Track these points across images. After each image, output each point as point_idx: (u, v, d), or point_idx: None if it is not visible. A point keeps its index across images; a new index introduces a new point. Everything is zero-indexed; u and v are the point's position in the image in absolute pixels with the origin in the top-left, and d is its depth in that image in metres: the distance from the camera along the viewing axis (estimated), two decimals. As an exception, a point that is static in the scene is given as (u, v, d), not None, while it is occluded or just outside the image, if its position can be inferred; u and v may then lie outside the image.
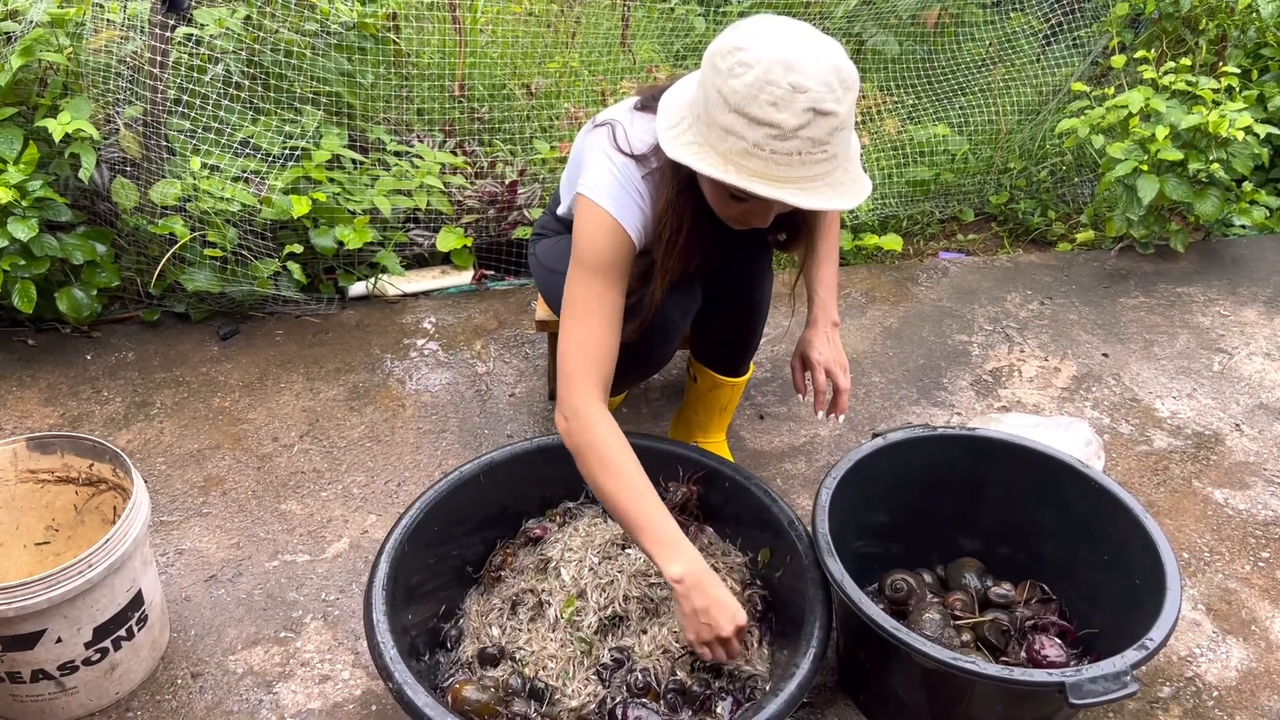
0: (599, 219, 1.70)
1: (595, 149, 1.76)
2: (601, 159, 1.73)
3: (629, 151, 1.72)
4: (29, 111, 2.61)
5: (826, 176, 1.48)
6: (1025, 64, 3.94)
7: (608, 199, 1.69)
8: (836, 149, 1.47)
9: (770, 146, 1.43)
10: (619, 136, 1.74)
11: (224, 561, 2.11)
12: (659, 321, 1.91)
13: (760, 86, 1.41)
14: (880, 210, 3.50)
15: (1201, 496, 2.37)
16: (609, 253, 1.70)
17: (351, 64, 3.03)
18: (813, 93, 1.41)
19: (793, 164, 1.45)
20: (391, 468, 2.37)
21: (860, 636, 1.76)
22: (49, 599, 1.59)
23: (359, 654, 1.91)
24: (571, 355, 1.68)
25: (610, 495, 1.63)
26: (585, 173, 1.74)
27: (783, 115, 1.41)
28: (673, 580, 1.57)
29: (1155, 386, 2.76)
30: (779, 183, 1.46)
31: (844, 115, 1.45)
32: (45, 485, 1.91)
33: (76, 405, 2.54)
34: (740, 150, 1.45)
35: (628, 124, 1.76)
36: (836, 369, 2.04)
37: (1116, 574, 1.81)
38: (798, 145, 1.43)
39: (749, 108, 1.42)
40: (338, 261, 2.98)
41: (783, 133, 1.42)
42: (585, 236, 1.71)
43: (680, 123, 1.56)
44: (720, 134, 1.47)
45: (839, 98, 1.43)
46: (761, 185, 1.45)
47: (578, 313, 1.69)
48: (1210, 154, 3.14)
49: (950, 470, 1.97)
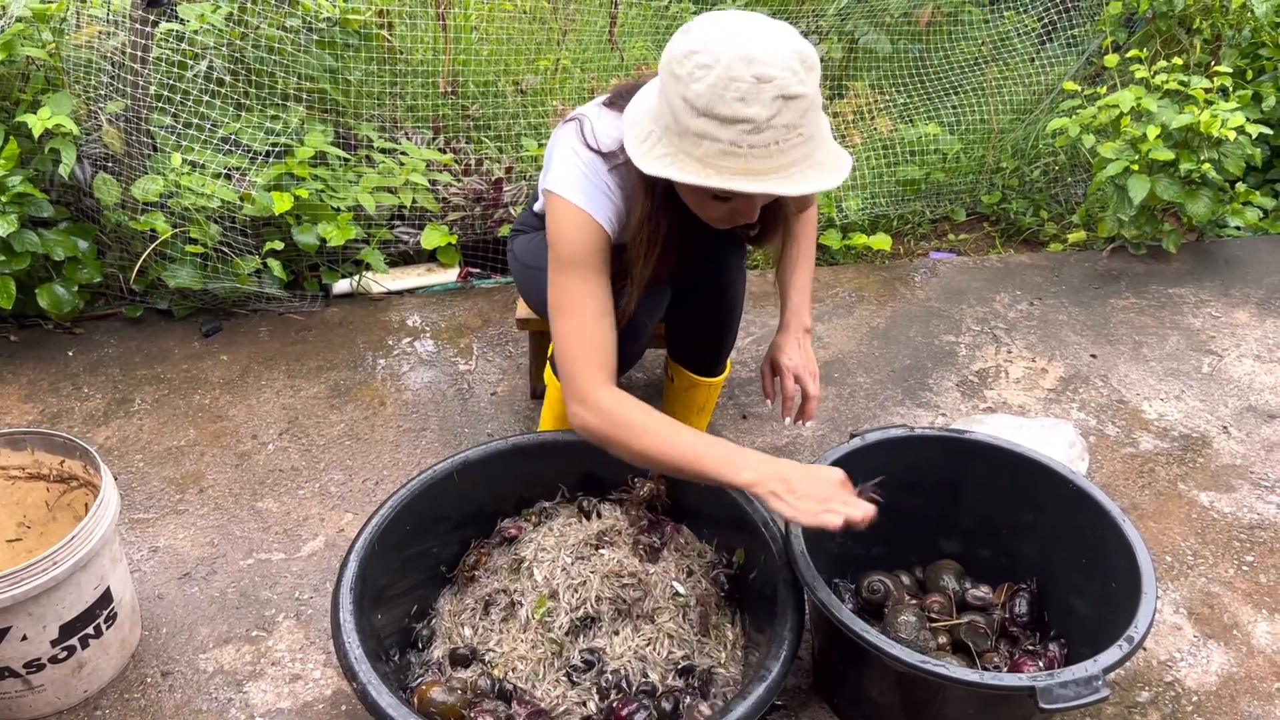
0: (570, 213, 1.68)
1: (563, 145, 1.74)
2: (569, 155, 1.72)
3: (596, 147, 1.71)
4: (10, 107, 2.60)
5: (806, 159, 1.47)
6: (1019, 63, 3.92)
7: (577, 193, 1.68)
8: (810, 130, 1.46)
9: (747, 142, 1.41)
10: (586, 132, 1.73)
11: (198, 559, 2.10)
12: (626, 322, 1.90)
13: (725, 85, 1.39)
14: (870, 210, 3.48)
15: (1187, 499, 2.35)
16: (584, 245, 1.68)
17: (337, 60, 3.01)
18: (778, 80, 1.39)
19: (771, 154, 1.43)
20: (370, 466, 2.36)
21: (833, 639, 1.74)
22: (12, 596, 1.57)
23: (330, 654, 1.90)
24: (570, 353, 1.66)
25: (655, 456, 1.60)
26: (553, 169, 1.73)
27: (753, 109, 1.39)
28: (747, 486, 1.54)
29: (1143, 388, 2.74)
30: (761, 175, 1.44)
31: (811, 95, 1.43)
32: (16, 482, 1.90)
33: (56, 402, 2.53)
34: (717, 152, 1.43)
35: (595, 119, 1.75)
36: (805, 375, 2.03)
37: (1094, 577, 1.79)
38: (773, 135, 1.41)
39: (717, 108, 1.40)
40: (322, 259, 2.96)
41: (756, 126, 1.40)
42: (559, 232, 1.69)
43: (649, 137, 1.54)
44: (693, 140, 1.45)
45: (803, 79, 1.41)
46: (744, 181, 1.44)
47: (566, 312, 1.67)
48: (1202, 154, 3.12)
49: (929, 471, 1.95)
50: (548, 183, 1.72)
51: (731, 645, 1.79)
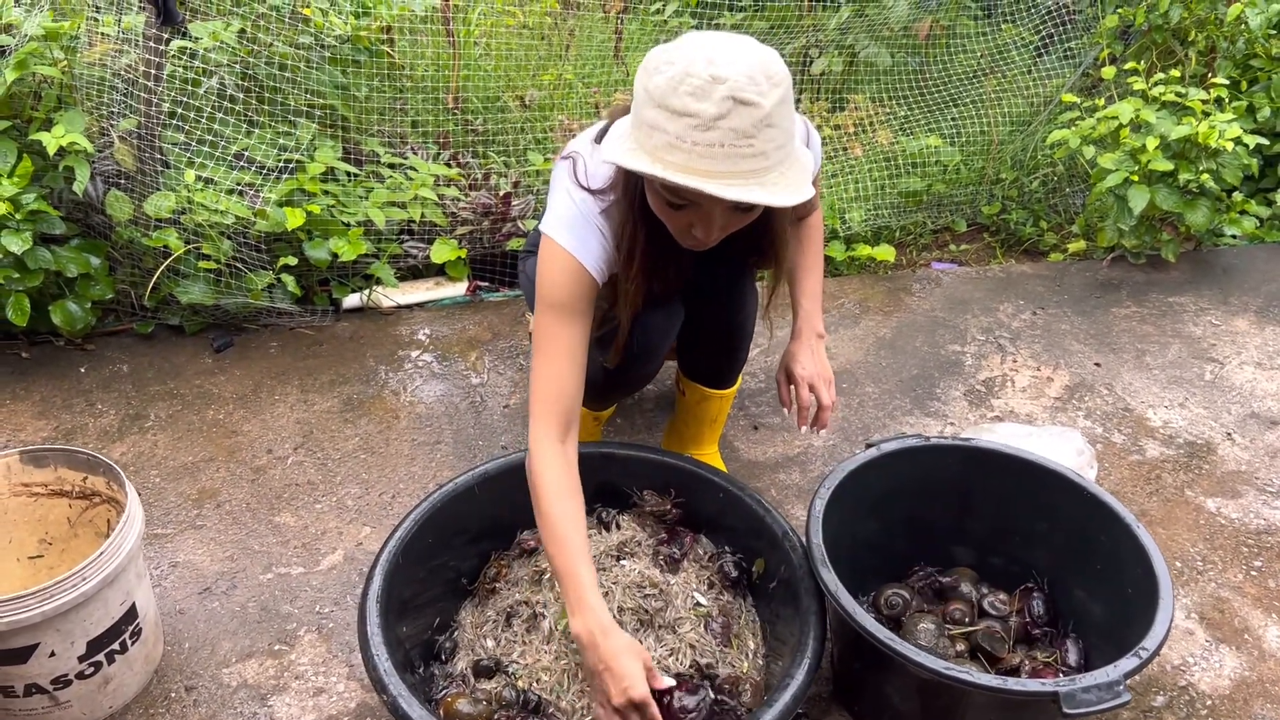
0: (558, 258, 1.70)
1: (559, 185, 1.77)
2: (563, 196, 1.74)
3: (587, 186, 1.73)
4: (23, 125, 2.61)
5: (756, 175, 1.45)
6: (1017, 75, 3.96)
7: (567, 236, 1.70)
8: (765, 147, 1.43)
9: (691, 138, 1.41)
10: (579, 171, 1.75)
11: (218, 574, 2.11)
12: (640, 342, 1.92)
13: (681, 79, 1.41)
14: (873, 221, 3.51)
15: (1194, 505, 2.38)
16: (567, 291, 1.70)
17: (346, 76, 3.04)
18: (732, 82, 1.39)
19: (715, 156, 1.42)
20: (386, 479, 2.37)
21: (855, 647, 1.76)
22: (42, 612, 1.58)
23: (353, 666, 1.91)
24: (535, 392, 1.69)
25: (543, 538, 1.64)
26: (548, 210, 1.76)
27: (701, 104, 1.40)
28: (574, 636, 1.55)
29: (1147, 396, 2.77)
30: (699, 175, 1.43)
31: (769, 109, 1.41)
32: (39, 498, 1.91)
33: (70, 418, 2.54)
34: (664, 144, 1.44)
35: (588, 156, 1.76)
36: (820, 384, 2.05)
37: (1109, 584, 1.81)
38: (719, 136, 1.41)
39: (669, 99, 1.42)
40: (332, 273, 2.98)
41: (702, 122, 1.40)
42: (545, 275, 1.72)
43: (624, 135, 1.57)
44: (647, 131, 1.46)
45: (762, 91, 1.41)
46: (681, 176, 1.43)
47: (541, 351, 1.70)
48: (1200, 164, 3.16)
49: (943, 480, 1.98)
50: (543, 224, 1.75)
51: (753, 655, 1.81)
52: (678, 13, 4.33)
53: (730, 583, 1.91)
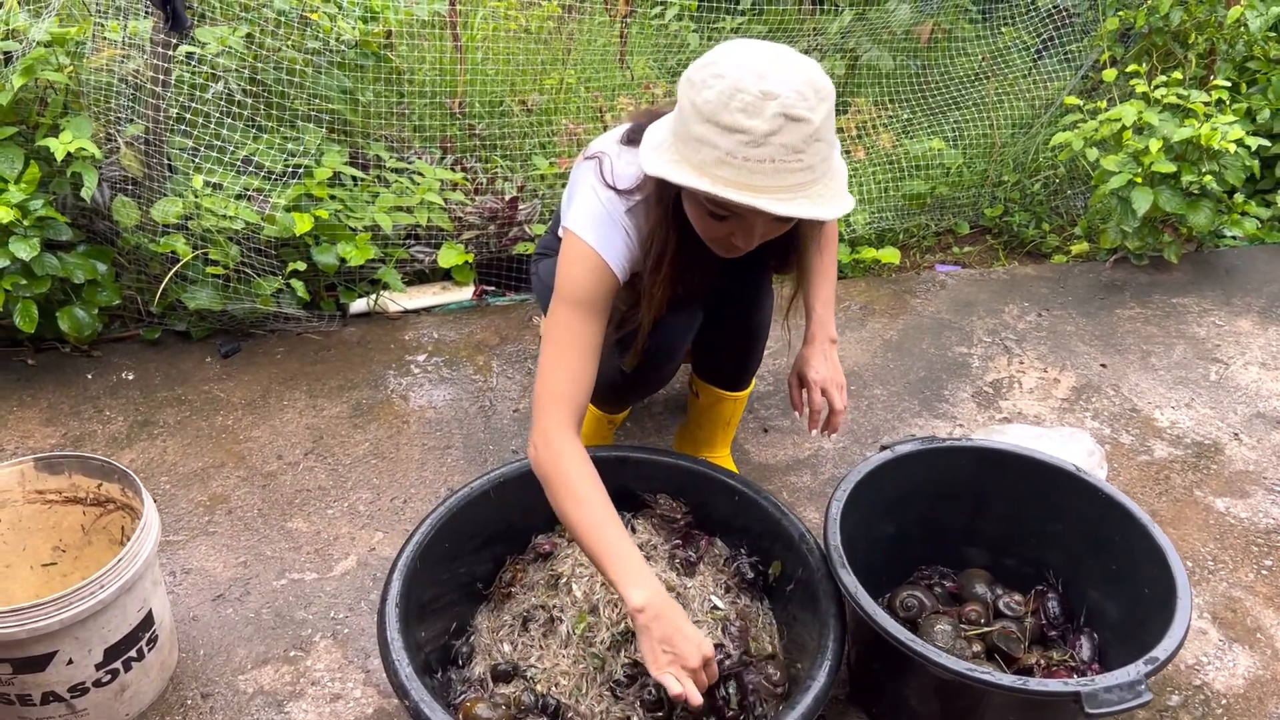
0: (582, 254, 1.71)
1: (584, 183, 1.78)
2: (589, 194, 1.75)
3: (613, 185, 1.74)
4: (29, 131, 2.60)
5: (804, 189, 1.47)
6: (1017, 78, 3.98)
7: (592, 234, 1.71)
8: (813, 160, 1.46)
9: (743, 154, 1.43)
10: (605, 171, 1.76)
11: (231, 580, 2.10)
12: (659, 343, 1.92)
13: (731, 94, 1.42)
14: (877, 224, 3.52)
15: (1203, 505, 2.39)
16: (590, 288, 1.71)
17: (351, 81, 3.04)
18: (784, 98, 1.41)
19: (766, 172, 1.44)
20: (397, 484, 2.37)
21: (874, 648, 1.76)
22: (61, 620, 1.58)
23: (370, 672, 1.91)
24: (545, 385, 1.69)
25: (575, 523, 1.62)
26: (573, 207, 1.77)
27: (753, 121, 1.41)
28: (634, 610, 1.53)
29: (1154, 396, 2.78)
30: (751, 190, 1.45)
31: (818, 125, 1.44)
32: (53, 505, 1.90)
33: (78, 425, 2.53)
34: (714, 160, 1.45)
35: (615, 157, 1.78)
36: (833, 388, 2.06)
37: (1125, 584, 1.82)
38: (770, 152, 1.43)
39: (720, 115, 1.43)
40: (339, 278, 2.98)
41: (754, 139, 1.42)
42: (567, 271, 1.72)
43: (661, 144, 1.58)
44: (694, 146, 1.47)
45: (812, 106, 1.43)
46: (733, 192, 1.45)
47: (555, 344, 1.70)
48: (1203, 166, 3.18)
49: (957, 482, 1.98)
50: (567, 220, 1.76)
51: (771, 657, 1.80)
52: (678, 16, 4.34)
53: (746, 584, 1.91)
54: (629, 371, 1.98)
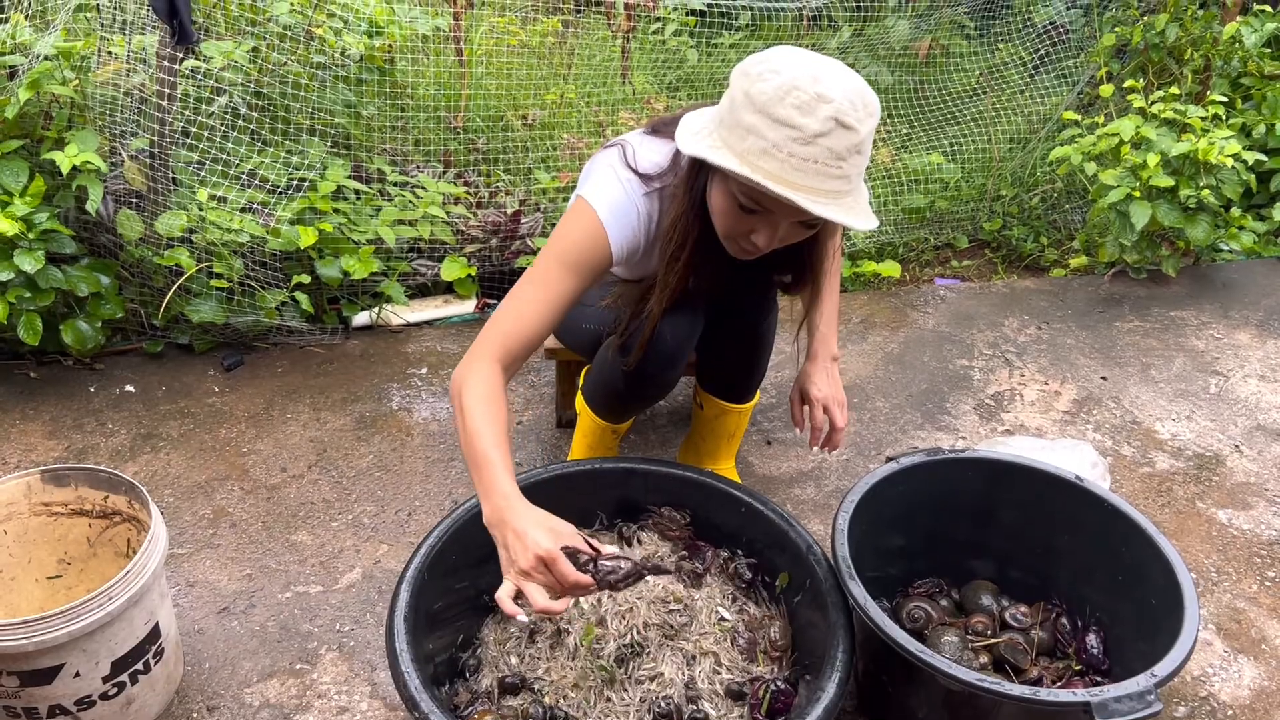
0: (587, 220, 1.73)
1: (603, 163, 1.81)
2: (608, 171, 1.78)
3: (635, 168, 1.76)
4: (34, 144, 2.60)
5: (838, 197, 1.49)
6: (1014, 94, 4.01)
7: (605, 208, 1.73)
8: (850, 171, 1.49)
9: (789, 149, 1.45)
10: (628, 154, 1.79)
11: (236, 593, 2.10)
12: (660, 347, 1.93)
13: (787, 90, 1.44)
14: (876, 238, 3.54)
15: (1205, 517, 2.40)
16: (583, 253, 1.73)
17: (355, 95, 3.05)
18: (838, 103, 1.43)
19: (807, 171, 1.46)
20: (401, 497, 2.37)
21: (882, 659, 1.76)
22: (69, 632, 1.57)
23: (376, 685, 1.90)
24: (496, 319, 1.70)
25: (461, 438, 1.61)
26: (590, 180, 1.79)
27: (806, 119, 1.43)
28: (486, 523, 1.55)
29: (1154, 409, 2.80)
30: (790, 186, 1.46)
31: (864, 137, 1.47)
32: (58, 518, 1.90)
33: (81, 438, 2.52)
34: (758, 150, 1.47)
35: (638, 145, 1.81)
36: (834, 405, 2.07)
37: (1131, 595, 1.82)
38: (816, 153, 1.45)
39: (773, 108, 1.45)
40: (342, 291, 2.98)
41: (804, 136, 1.44)
42: (566, 230, 1.74)
43: (701, 130, 1.59)
44: (741, 134, 1.48)
45: (861, 118, 1.46)
46: (773, 184, 1.46)
47: (524, 290, 1.71)
48: (1200, 180, 3.20)
49: (963, 493, 1.99)
50: (583, 191, 1.77)
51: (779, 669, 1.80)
52: (676, 33, 4.37)
53: (745, 585, 1.91)
54: (631, 371, 1.97)
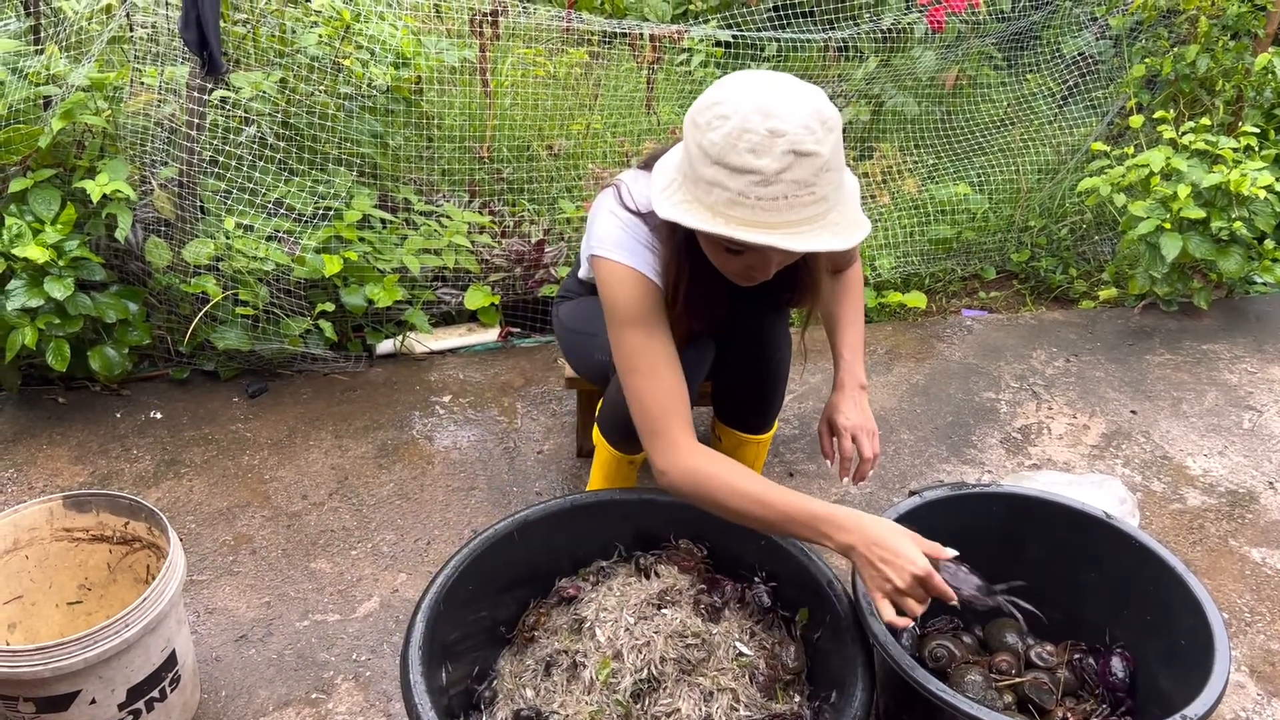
0: (620, 273, 1.72)
1: (603, 209, 1.79)
2: (609, 217, 1.76)
3: (634, 209, 1.75)
4: (66, 173, 2.65)
5: (819, 219, 1.47)
6: (1042, 124, 3.98)
7: (621, 252, 1.72)
8: (825, 191, 1.46)
9: (754, 193, 1.43)
10: (624, 194, 1.78)
11: (254, 621, 2.10)
12: None
13: (738, 135, 1.42)
14: (902, 268, 3.51)
15: (1239, 556, 2.34)
16: (640, 301, 1.71)
17: (381, 126, 3.08)
18: (791, 135, 1.41)
19: (779, 208, 1.44)
20: (421, 525, 2.36)
21: (903, 699, 1.73)
22: (85, 659, 1.57)
23: (392, 716, 1.89)
24: (644, 412, 1.68)
25: (751, 513, 1.61)
26: (595, 232, 1.78)
27: (762, 161, 1.41)
28: (845, 550, 1.55)
29: (1186, 444, 2.75)
30: (767, 229, 1.45)
31: (828, 156, 1.44)
32: (80, 543, 1.91)
33: (106, 463, 2.54)
34: (726, 200, 1.45)
35: (632, 182, 1.80)
36: (864, 435, 2.03)
37: (1160, 635, 1.78)
38: (782, 189, 1.43)
39: (728, 157, 1.43)
40: (366, 319, 3.00)
41: (764, 178, 1.42)
42: (613, 294, 1.72)
43: (670, 185, 1.58)
44: (705, 188, 1.47)
45: (819, 139, 1.43)
46: (748, 232, 1.45)
47: (637, 370, 1.70)
48: (1232, 212, 3.16)
49: (987, 529, 1.95)
50: (592, 246, 1.76)
51: (798, 707, 1.77)
52: (703, 63, 4.39)
53: (763, 612, 1.88)
54: None
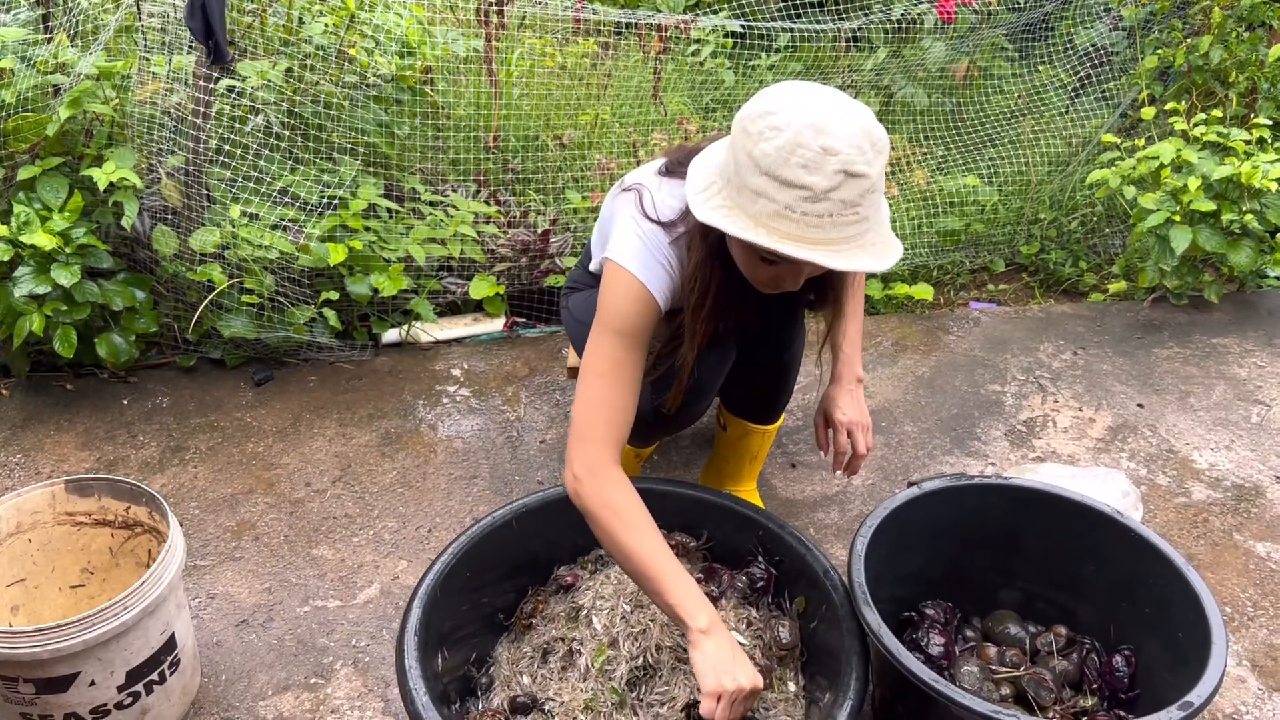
0: (626, 284, 1.71)
1: (623, 214, 1.78)
2: (629, 224, 1.75)
3: (656, 218, 1.74)
4: (74, 161, 2.66)
5: (858, 239, 1.48)
6: (1053, 116, 3.95)
7: (635, 264, 1.71)
8: (868, 211, 1.47)
9: (801, 209, 1.43)
10: (646, 203, 1.76)
11: (255, 606, 2.11)
12: (692, 384, 1.92)
13: (791, 149, 1.41)
14: (910, 260, 3.50)
15: (1243, 550, 2.33)
16: (633, 317, 1.71)
17: (388, 115, 3.08)
18: (844, 155, 1.41)
19: (824, 226, 1.44)
20: (423, 513, 2.37)
21: (898, 689, 1.72)
22: (84, 641, 1.59)
23: (389, 701, 1.90)
24: (589, 416, 1.68)
25: (631, 553, 1.60)
26: (613, 238, 1.76)
27: (813, 178, 1.41)
28: (700, 631, 1.53)
29: (1192, 438, 2.73)
30: (809, 244, 1.45)
31: (875, 178, 1.45)
32: (82, 528, 1.92)
33: (112, 449, 2.56)
34: (771, 212, 1.45)
35: (654, 189, 1.78)
36: (858, 430, 2.04)
37: (1159, 628, 1.77)
38: (829, 207, 1.43)
39: (779, 170, 1.43)
40: (371, 308, 3.01)
41: (814, 195, 1.42)
42: (611, 300, 1.72)
43: (710, 187, 1.57)
44: (750, 197, 1.47)
45: (869, 160, 1.43)
46: (791, 246, 1.45)
47: (598, 375, 1.69)
48: (1243, 205, 3.13)
49: (987, 520, 1.95)
50: (608, 251, 1.76)
51: (794, 696, 1.77)
52: (713, 54, 4.38)
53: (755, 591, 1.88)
54: (668, 412, 1.97)
